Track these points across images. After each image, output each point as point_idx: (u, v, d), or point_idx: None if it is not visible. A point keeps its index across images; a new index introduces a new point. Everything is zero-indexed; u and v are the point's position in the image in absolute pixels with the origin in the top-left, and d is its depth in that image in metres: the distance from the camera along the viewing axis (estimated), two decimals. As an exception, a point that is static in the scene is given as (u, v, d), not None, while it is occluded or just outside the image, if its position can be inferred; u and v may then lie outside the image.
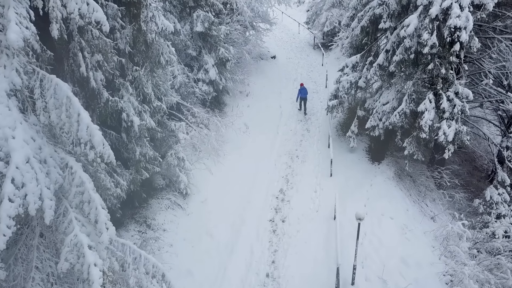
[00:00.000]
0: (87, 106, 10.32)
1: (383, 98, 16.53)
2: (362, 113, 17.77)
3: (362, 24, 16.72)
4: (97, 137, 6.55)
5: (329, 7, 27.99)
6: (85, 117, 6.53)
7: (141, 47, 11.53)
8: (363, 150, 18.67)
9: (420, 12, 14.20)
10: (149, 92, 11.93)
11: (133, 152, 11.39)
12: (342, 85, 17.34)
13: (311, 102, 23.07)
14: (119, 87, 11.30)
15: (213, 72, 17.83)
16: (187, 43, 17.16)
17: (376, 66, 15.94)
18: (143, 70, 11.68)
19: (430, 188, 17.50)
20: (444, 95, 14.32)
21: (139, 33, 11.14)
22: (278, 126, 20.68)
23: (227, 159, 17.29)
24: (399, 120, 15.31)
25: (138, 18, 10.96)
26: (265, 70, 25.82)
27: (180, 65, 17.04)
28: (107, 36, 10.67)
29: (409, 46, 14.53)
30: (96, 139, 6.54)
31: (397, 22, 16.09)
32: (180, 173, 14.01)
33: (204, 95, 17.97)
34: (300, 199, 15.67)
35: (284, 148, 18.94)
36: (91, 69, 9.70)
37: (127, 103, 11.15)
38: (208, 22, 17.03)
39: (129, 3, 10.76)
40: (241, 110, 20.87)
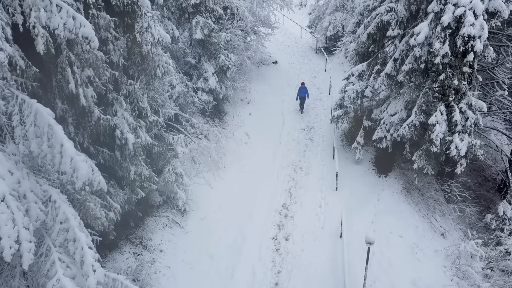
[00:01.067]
0: (78, 124, 9.62)
1: (391, 108, 15.81)
2: (368, 123, 17.05)
3: (369, 31, 16.00)
4: (82, 171, 5.84)
5: (332, 11, 27.27)
6: (69, 148, 5.81)
7: (136, 59, 10.80)
8: (369, 161, 17.94)
9: (431, 19, 13.50)
10: (144, 106, 11.21)
11: (128, 172, 10.67)
12: (347, 95, 16.62)
13: (314, 110, 22.35)
14: (113, 102, 10.57)
15: (213, 81, 17.11)
16: (186, 50, 16.44)
17: (384, 75, 15.23)
18: (139, 83, 10.95)
19: (439, 202, 16.76)
20: (457, 107, 13.62)
21: (134, 44, 10.41)
22: (280, 135, 19.95)
23: (227, 171, 16.56)
24: (409, 132, 14.59)
25: (132, 29, 10.22)
26: (267, 76, 25.09)
27: (178, 74, 16.32)
28: (99, 48, 9.95)
29: (419, 55, 13.82)
30: (82, 173, 5.82)
31: (406, 29, 15.38)
32: (178, 190, 13.30)
33: (203, 104, 17.25)
34: (304, 215, 14.95)
35: (287, 159, 18.21)
36: (81, 85, 8.98)
37: (121, 119, 10.42)
38: (208, 29, 16.31)
39: (123, 13, 10.02)
40: (242, 119, 20.14)
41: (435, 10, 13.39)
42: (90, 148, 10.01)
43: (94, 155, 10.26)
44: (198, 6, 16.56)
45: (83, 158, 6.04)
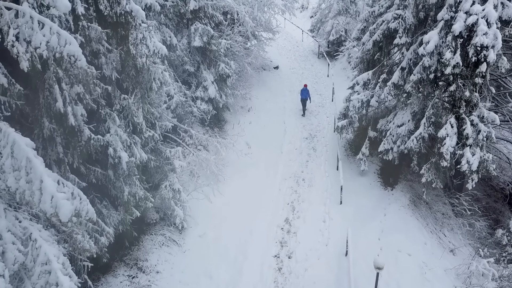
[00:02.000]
0: (67, 143, 8.99)
1: (398, 119, 15.18)
2: (373, 134, 16.41)
3: (375, 38, 15.37)
4: (64, 209, 5.21)
5: (335, 14, 26.60)
6: (50, 184, 5.18)
7: (131, 72, 10.17)
8: (374, 173, 17.29)
9: (441, 27, 12.85)
10: (140, 121, 10.57)
11: (121, 192, 10.03)
12: (352, 104, 15.98)
13: (316, 118, 21.72)
14: (105, 117, 9.94)
15: (213, 90, 16.47)
16: (184, 58, 15.80)
17: (391, 85, 14.59)
18: (133, 97, 10.32)
19: (447, 215, 16.12)
20: (468, 119, 12.98)
21: (128, 56, 9.78)
22: (282, 145, 19.32)
23: (227, 184, 15.93)
24: (417, 145, 13.96)
25: (126, 40, 9.59)
26: (268, 82, 24.46)
27: (177, 83, 15.69)
28: (90, 61, 9.33)
29: (429, 65, 13.18)
30: (64, 212, 5.19)
31: (414, 37, 14.75)
32: (175, 207, 12.66)
33: (203, 114, 16.60)
34: (308, 231, 14.32)
35: (289, 170, 17.57)
36: (70, 103, 8.35)
37: (114, 137, 9.79)
38: (207, 36, 15.67)
39: (116, 23, 9.39)
40: (242, 128, 19.50)
41: (445, 18, 12.76)
42: (81, 168, 9.38)
43: (85, 175, 9.63)
44: (197, 12, 15.92)
45: (66, 195, 5.41)
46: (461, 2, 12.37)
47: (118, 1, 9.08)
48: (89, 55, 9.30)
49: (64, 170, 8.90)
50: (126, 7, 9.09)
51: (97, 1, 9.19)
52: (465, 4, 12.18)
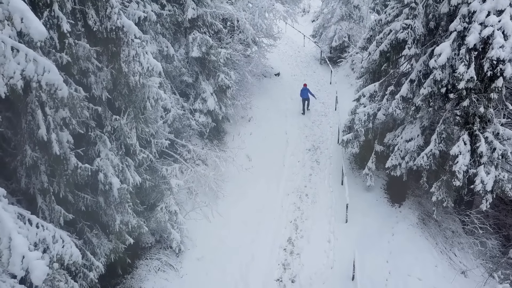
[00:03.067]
0: (53, 171, 8.25)
1: (406, 133, 14.44)
2: (380, 148, 15.68)
3: (382, 48, 14.63)
4: (37, 272, 4.47)
5: (337, 20, 25.85)
6: (20, 244, 4.46)
7: (123, 90, 9.44)
8: (380, 188, 16.57)
9: (454, 39, 12.11)
10: (133, 142, 9.84)
11: (113, 220, 9.29)
12: (358, 118, 15.24)
13: (319, 128, 20.98)
14: (95, 140, 9.21)
15: (212, 101, 15.73)
16: (182, 69, 15.05)
17: (399, 98, 13.85)
18: (126, 117, 9.58)
19: (457, 233, 15.40)
20: (482, 136, 12.26)
21: (120, 74, 9.05)
22: (284, 157, 18.58)
23: (227, 201, 15.19)
24: (427, 162, 13.22)
25: (117, 58, 8.86)
26: (269, 90, 23.72)
27: (174, 96, 14.96)
28: (78, 81, 8.60)
29: (440, 79, 12.43)
30: (37, 275, 4.45)
31: (423, 47, 14.03)
32: (172, 230, 11.93)
33: (201, 127, 15.86)
34: (312, 252, 13.59)
35: (291, 185, 16.83)
36: (55, 129, 7.61)
37: (104, 161, 9.06)
38: (206, 46, 14.93)
39: (107, 39, 8.66)
40: (243, 139, 18.77)
41: (458, 29, 12.02)
42: (68, 197, 8.64)
43: (73, 203, 8.89)
44: (195, 21, 15.19)
45: (38, 254, 4.67)
46: (475, 12, 11.64)
47: (109, 16, 8.36)
48: (77, 74, 8.57)
49: (49, 201, 8.17)
50: (117, 22, 8.37)
51: (85, 16, 8.48)
52: (479, 15, 11.45)
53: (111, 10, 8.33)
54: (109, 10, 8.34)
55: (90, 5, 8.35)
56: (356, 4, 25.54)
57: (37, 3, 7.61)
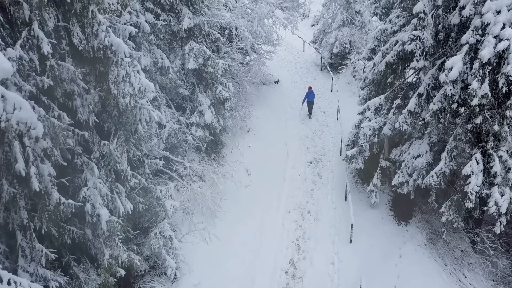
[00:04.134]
0: (34, 205, 7.50)
1: (414, 149, 13.73)
2: (386, 163, 14.98)
3: (388, 59, 13.93)
4: None
5: (338, 25, 25.12)
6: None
7: (113, 112, 8.69)
8: (386, 204, 15.86)
9: (465, 52, 11.41)
10: (124, 167, 9.09)
11: (101, 254, 8.54)
12: (363, 132, 14.53)
13: (321, 138, 20.27)
14: (82, 167, 8.46)
15: (209, 115, 14.99)
16: (178, 82, 14.30)
17: (407, 112, 13.15)
18: (116, 141, 8.84)
19: (467, 252, 14.67)
20: (496, 155, 11.57)
21: (109, 95, 8.31)
22: (284, 170, 17.85)
23: (225, 220, 14.45)
24: (437, 181, 12.52)
25: (106, 78, 8.12)
26: (268, 98, 23.01)
27: (169, 110, 14.21)
28: (61, 105, 7.85)
29: (451, 94, 11.72)
30: None
31: (432, 58, 13.34)
32: (166, 256, 11.19)
33: (198, 142, 15.12)
34: (315, 275, 12.87)
35: (293, 201, 16.11)
36: (35, 162, 6.86)
37: (92, 190, 8.32)
38: (203, 58, 14.19)
39: (94, 59, 7.93)
40: (241, 152, 18.05)
41: (471, 42, 11.32)
42: (52, 231, 7.88)
43: (58, 237, 8.14)
44: (191, 30, 14.45)
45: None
46: (489, 24, 10.95)
47: (96, 34, 7.63)
48: (61, 97, 7.83)
49: (30, 238, 7.42)
50: (105, 40, 7.63)
51: (70, 34, 7.73)
52: (494, 28, 10.76)
53: (98, 28, 7.60)
54: (96, 28, 7.61)
55: (75, 22, 7.62)
56: (358, 10, 24.84)
57: (15, 22, 6.87)
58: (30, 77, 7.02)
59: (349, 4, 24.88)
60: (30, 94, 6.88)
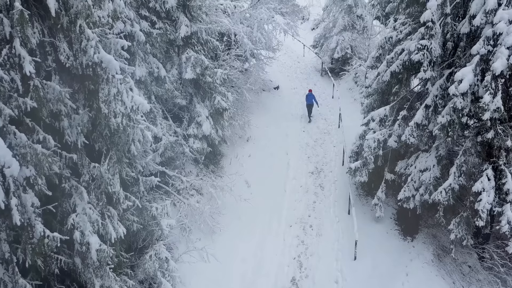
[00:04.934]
0: (16, 237, 6.92)
1: (421, 163, 13.19)
2: (391, 176, 14.43)
3: (393, 69, 13.38)
4: None
5: (339, 30, 24.56)
6: None
7: (104, 131, 8.11)
8: (390, 218, 15.31)
9: (476, 63, 10.86)
10: (116, 190, 8.51)
11: (91, 285, 7.95)
12: (367, 144, 13.98)
13: (322, 147, 19.73)
14: (71, 191, 7.88)
15: (208, 126, 14.41)
16: (175, 92, 13.72)
17: (414, 125, 12.60)
18: (107, 162, 8.25)
19: (475, 268, 14.09)
20: (508, 171, 11.05)
21: (99, 113, 7.73)
22: (285, 181, 17.28)
23: (224, 236, 13.88)
24: (446, 198, 11.97)
25: (96, 96, 7.54)
26: (268, 105, 22.45)
27: (166, 121, 13.64)
28: (47, 126, 7.27)
29: (461, 107, 11.16)
30: None
31: (439, 68, 12.80)
32: (162, 279, 10.61)
33: (196, 154, 14.55)
34: (318, 295, 12.32)
35: (294, 214, 15.54)
36: (16, 191, 6.27)
37: (81, 217, 7.74)
38: (201, 67, 13.63)
39: (83, 76, 7.37)
40: (241, 162, 17.48)
41: (482, 52, 10.78)
42: (37, 263, 7.29)
43: (44, 268, 7.55)
44: (189, 38, 13.89)
45: None
46: (501, 34, 10.42)
47: (84, 50, 7.06)
48: (47, 117, 7.24)
49: (13, 272, 6.83)
50: (94, 57, 7.07)
51: (56, 50, 7.15)
52: (507, 38, 10.22)
53: (86, 43, 7.03)
54: (85, 43, 7.03)
55: (62, 38, 7.04)
56: (359, 14, 24.29)
57: (-6, 39, 6.29)
58: (11, 98, 6.44)
59: (351, 9, 24.33)
60: (11, 118, 6.30)
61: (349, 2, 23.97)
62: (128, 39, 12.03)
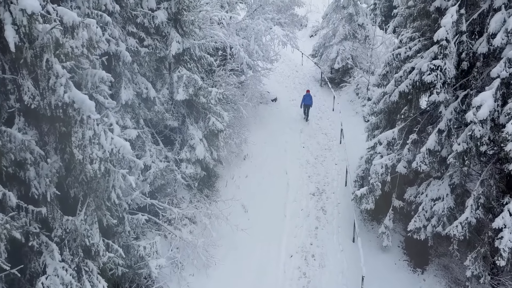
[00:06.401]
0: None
1: (432, 191, 12.17)
2: (399, 203, 13.41)
3: (402, 89, 12.36)
4: None
5: (340, 39, 23.50)
6: None
7: (79, 176, 7.01)
8: (398, 247, 14.29)
9: (497, 88, 9.87)
10: (95, 241, 7.41)
11: None
12: (374, 170, 12.94)
13: (323, 165, 18.68)
14: (40, 249, 6.77)
15: (201, 149, 13.32)
16: (165, 115, 12.61)
17: (426, 151, 11.59)
18: (84, 212, 7.15)
19: (490, 302, 13.15)
20: (532, 206, 10.01)
21: (72, 158, 6.63)
22: (285, 204, 16.20)
23: (219, 270, 12.78)
24: (462, 232, 10.95)
25: (69, 140, 6.44)
26: (265, 118, 21.39)
27: (156, 146, 12.53)
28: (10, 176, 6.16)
29: (480, 136, 10.14)
30: None
31: (453, 89, 11.81)
32: (151, 330, 9.53)
33: (189, 180, 13.47)
34: None
35: (294, 242, 14.47)
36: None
37: (52, 279, 6.64)
38: (194, 87, 12.55)
39: (53, 118, 6.26)
40: (237, 184, 16.42)
41: (503, 76, 9.80)
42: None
43: None
44: (181, 55, 12.79)
45: None
46: (526, 56, 9.43)
47: (53, 88, 5.95)
48: (10, 167, 6.14)
49: None
50: (65, 96, 5.99)
51: (20, 89, 6.04)
52: (532, 61, 9.24)
53: (55, 81, 5.94)
54: (53, 81, 5.95)
55: (26, 74, 5.93)
56: (361, 23, 23.27)
57: None
58: (-39, 151, 5.35)
59: (351, 17, 23.30)
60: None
61: (350, 10, 22.93)
62: (113, 59, 10.96)
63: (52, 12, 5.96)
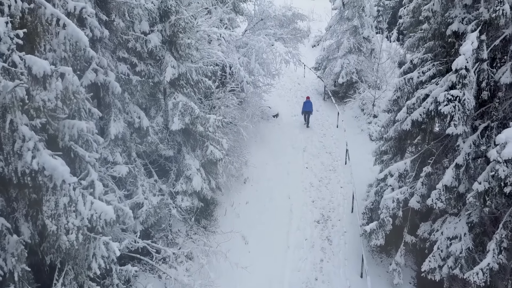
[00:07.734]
0: None
1: (448, 229, 11.25)
2: (412, 239, 12.49)
3: (415, 117, 11.48)
4: None
5: (344, 53, 22.57)
6: None
7: (56, 243, 6.08)
8: (410, 283, 13.39)
9: (523, 124, 8.95)
10: (75, 313, 6.46)
11: None
12: (385, 204, 12.03)
13: (327, 188, 17.75)
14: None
15: (198, 180, 12.40)
16: (159, 146, 11.69)
17: (442, 188, 10.66)
18: (61, 282, 6.21)
19: None
20: (562, 254, 9.09)
21: (45, 228, 5.70)
22: (288, 233, 15.25)
23: (218, 313, 11.86)
24: (483, 279, 10.01)
25: (40, 208, 5.51)
26: (266, 136, 20.46)
27: (148, 180, 11.60)
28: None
29: (504, 176, 9.20)
30: None
31: (472, 120, 10.89)
32: None
33: (185, 214, 12.55)
34: None
35: (298, 277, 13.52)
36: None
37: None
38: (191, 116, 11.62)
39: (21, 185, 5.31)
40: (237, 212, 15.50)
41: (529, 110, 8.87)
42: None
43: None
44: (176, 80, 11.87)
45: None
46: (556, 90, 8.50)
47: (19, 153, 5.01)
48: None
49: None
50: (33, 163, 5.06)
51: (-21, 154, 5.10)
52: None
53: (21, 145, 5.00)
54: (19, 145, 5.01)
55: (-14, 138, 4.99)
56: (366, 36, 22.36)
57: None
58: None
59: (356, 29, 22.39)
60: None
61: (355, 22, 22.02)
62: (102, 90, 10.04)
63: (19, 63, 5.05)
